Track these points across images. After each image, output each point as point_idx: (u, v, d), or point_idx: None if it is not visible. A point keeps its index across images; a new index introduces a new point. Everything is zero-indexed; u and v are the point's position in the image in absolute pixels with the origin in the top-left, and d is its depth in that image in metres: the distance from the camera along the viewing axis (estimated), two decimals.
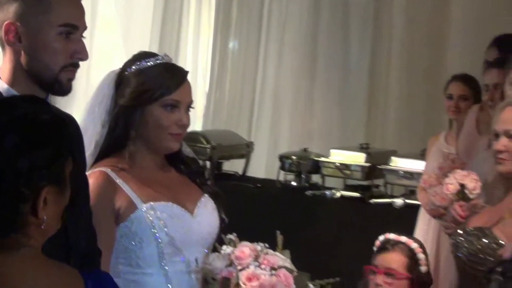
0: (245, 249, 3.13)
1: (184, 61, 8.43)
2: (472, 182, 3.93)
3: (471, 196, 3.90)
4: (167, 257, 3.14)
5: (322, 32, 7.87)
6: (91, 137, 3.19)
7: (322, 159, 6.75)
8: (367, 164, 6.51)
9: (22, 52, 2.83)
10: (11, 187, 1.94)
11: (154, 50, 4.31)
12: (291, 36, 7.93)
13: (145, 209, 3.13)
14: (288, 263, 3.18)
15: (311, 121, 7.90)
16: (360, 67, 7.70)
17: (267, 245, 3.20)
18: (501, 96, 4.09)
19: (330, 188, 6.68)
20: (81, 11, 2.88)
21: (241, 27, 8.36)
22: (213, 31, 8.48)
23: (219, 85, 8.40)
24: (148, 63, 3.22)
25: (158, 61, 3.23)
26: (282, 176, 6.97)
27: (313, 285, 3.27)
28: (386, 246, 3.78)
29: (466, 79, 5.57)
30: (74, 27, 2.82)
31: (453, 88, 5.61)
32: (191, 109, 3.26)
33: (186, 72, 3.25)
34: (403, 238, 3.78)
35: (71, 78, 2.84)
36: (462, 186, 3.95)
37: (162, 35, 8.50)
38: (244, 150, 7.41)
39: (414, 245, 3.73)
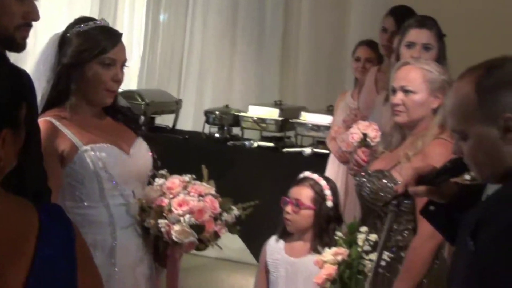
0: (175, 180, 3.19)
1: (121, 29, 8.34)
2: (373, 132, 3.95)
3: (372, 144, 3.93)
4: (107, 192, 3.14)
5: (241, 2, 7.87)
6: (37, 92, 3.11)
7: (242, 114, 6.77)
8: (280, 118, 6.54)
9: None
10: None
11: (94, 16, 4.27)
12: (215, 7, 7.89)
13: (85, 150, 3.10)
14: (213, 191, 3.22)
15: (232, 81, 7.88)
16: (274, 33, 7.62)
17: (194, 176, 3.25)
18: (397, 58, 4.09)
19: (248, 139, 6.71)
20: None
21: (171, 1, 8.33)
22: (146, 4, 8.43)
23: (151, 50, 8.30)
24: (88, 26, 3.18)
25: (96, 24, 3.20)
26: (207, 129, 6.97)
27: (236, 208, 3.25)
28: (300, 180, 3.83)
29: (371, 44, 5.63)
30: None
31: (360, 52, 5.67)
32: (125, 67, 3.22)
33: (120, 34, 3.24)
34: (315, 176, 3.82)
35: (25, 37, 2.80)
36: (365, 135, 3.97)
37: (102, 6, 8.40)
38: (174, 106, 7.33)
39: (323, 182, 3.76)
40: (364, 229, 3.22)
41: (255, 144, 6.59)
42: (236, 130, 7.01)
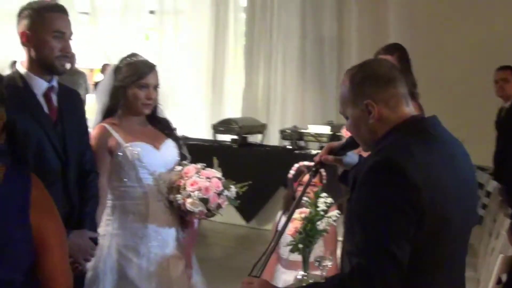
0: (191, 167, 3.16)
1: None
2: None
3: None
4: (142, 175, 3.11)
5: (308, 51, 7.77)
6: (98, 108, 3.21)
7: (304, 131, 6.86)
8: (331, 133, 6.60)
9: (32, 50, 2.79)
10: None
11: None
12: (291, 55, 7.91)
13: (126, 146, 3.09)
14: (219, 175, 3.18)
15: (301, 107, 7.98)
16: (332, 72, 7.69)
17: (205, 165, 3.20)
18: None
19: (309, 149, 6.80)
20: (67, 22, 2.83)
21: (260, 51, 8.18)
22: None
23: (249, 89, 8.37)
24: (132, 59, 3.18)
25: (138, 59, 3.19)
26: (282, 142, 6.97)
27: (235, 187, 3.18)
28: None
29: None
30: (62, 32, 2.79)
31: None
32: (158, 89, 3.20)
33: (154, 65, 3.20)
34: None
35: (63, 64, 2.81)
36: None
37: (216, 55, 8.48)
38: (260, 128, 7.48)
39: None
40: (324, 194, 3.12)
41: (314, 152, 6.48)
42: (301, 143, 6.98)
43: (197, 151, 6.93)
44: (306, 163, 3.79)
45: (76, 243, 2.77)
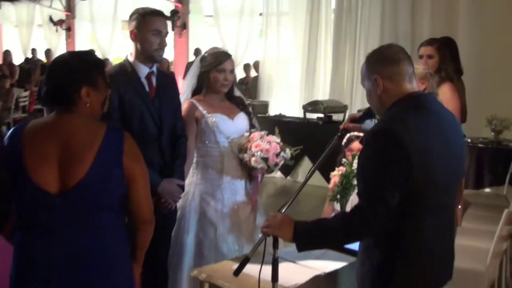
0: (256, 133, 3.21)
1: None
2: None
3: None
4: (219, 138, 3.20)
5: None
6: (187, 87, 3.33)
7: None
8: None
9: (138, 44, 2.97)
10: (71, 84, 1.98)
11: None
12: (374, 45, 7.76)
13: (207, 116, 3.19)
14: (278, 140, 3.21)
15: None
16: None
17: (267, 132, 3.25)
18: None
19: None
20: (164, 23, 2.98)
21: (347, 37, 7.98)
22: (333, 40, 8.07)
23: (336, 73, 8.20)
24: (215, 50, 3.29)
25: (218, 50, 3.30)
26: None
27: (288, 149, 3.23)
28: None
29: None
30: (159, 31, 2.95)
31: None
32: (233, 73, 3.28)
33: (230, 55, 3.26)
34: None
35: (160, 55, 2.97)
36: None
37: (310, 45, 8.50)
38: (342, 109, 7.40)
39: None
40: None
41: None
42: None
43: (289, 126, 7.19)
44: (355, 133, 3.88)
45: (167, 188, 2.96)
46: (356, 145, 3.40)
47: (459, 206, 4.00)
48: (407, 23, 7.33)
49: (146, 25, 2.94)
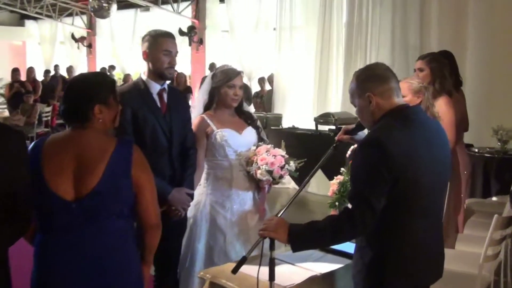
0: (262, 147, 3.30)
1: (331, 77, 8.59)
2: None
3: None
4: (228, 152, 3.29)
5: (396, 57, 7.58)
6: (199, 103, 3.42)
7: None
8: None
9: (150, 63, 3.10)
10: (85, 104, 2.11)
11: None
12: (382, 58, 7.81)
13: (217, 132, 3.28)
14: (283, 153, 3.29)
15: None
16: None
17: (273, 145, 3.32)
18: None
19: None
20: (173, 44, 3.10)
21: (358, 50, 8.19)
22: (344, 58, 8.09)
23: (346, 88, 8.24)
24: (224, 68, 3.39)
25: (228, 67, 3.39)
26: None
27: (293, 162, 3.29)
28: None
29: None
30: (169, 51, 3.08)
31: None
32: (242, 88, 3.35)
33: (239, 72, 3.35)
34: None
35: (171, 73, 3.10)
36: None
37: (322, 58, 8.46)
38: (353, 120, 7.38)
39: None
40: None
41: None
42: None
43: (302, 138, 7.26)
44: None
45: (176, 196, 3.07)
46: None
47: (459, 215, 4.11)
48: (416, 36, 7.37)
49: (157, 46, 3.09)
